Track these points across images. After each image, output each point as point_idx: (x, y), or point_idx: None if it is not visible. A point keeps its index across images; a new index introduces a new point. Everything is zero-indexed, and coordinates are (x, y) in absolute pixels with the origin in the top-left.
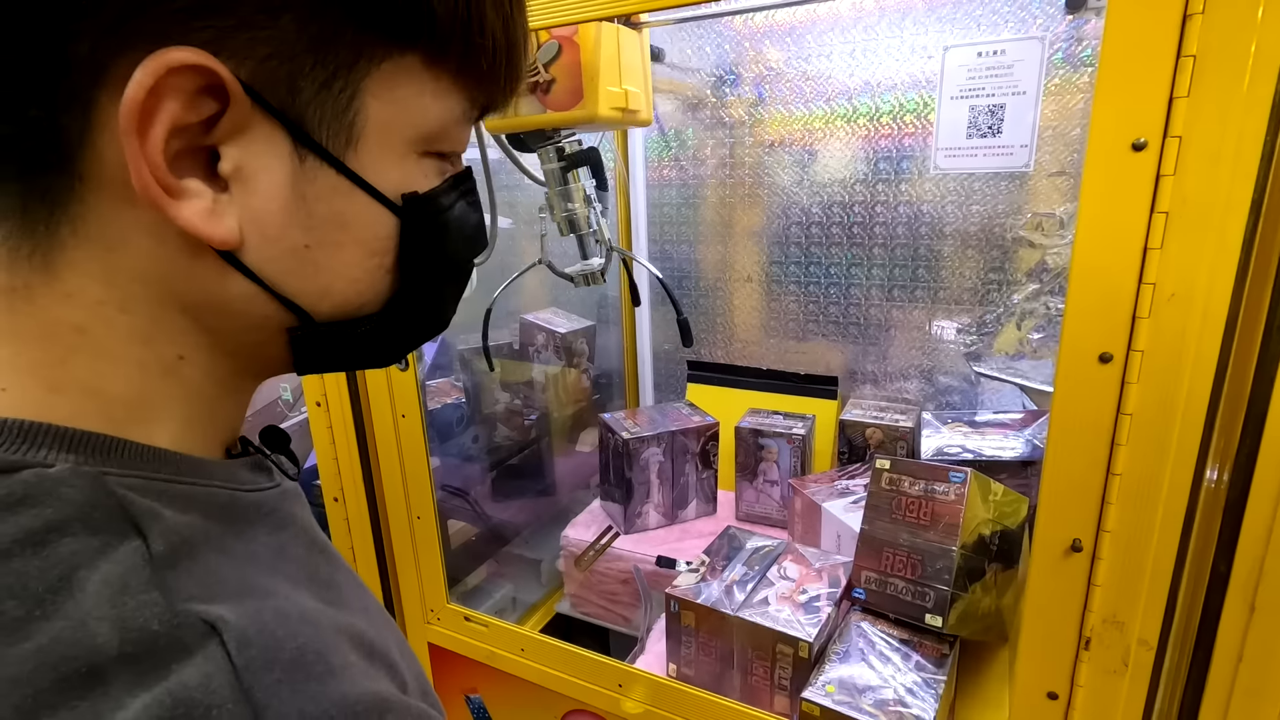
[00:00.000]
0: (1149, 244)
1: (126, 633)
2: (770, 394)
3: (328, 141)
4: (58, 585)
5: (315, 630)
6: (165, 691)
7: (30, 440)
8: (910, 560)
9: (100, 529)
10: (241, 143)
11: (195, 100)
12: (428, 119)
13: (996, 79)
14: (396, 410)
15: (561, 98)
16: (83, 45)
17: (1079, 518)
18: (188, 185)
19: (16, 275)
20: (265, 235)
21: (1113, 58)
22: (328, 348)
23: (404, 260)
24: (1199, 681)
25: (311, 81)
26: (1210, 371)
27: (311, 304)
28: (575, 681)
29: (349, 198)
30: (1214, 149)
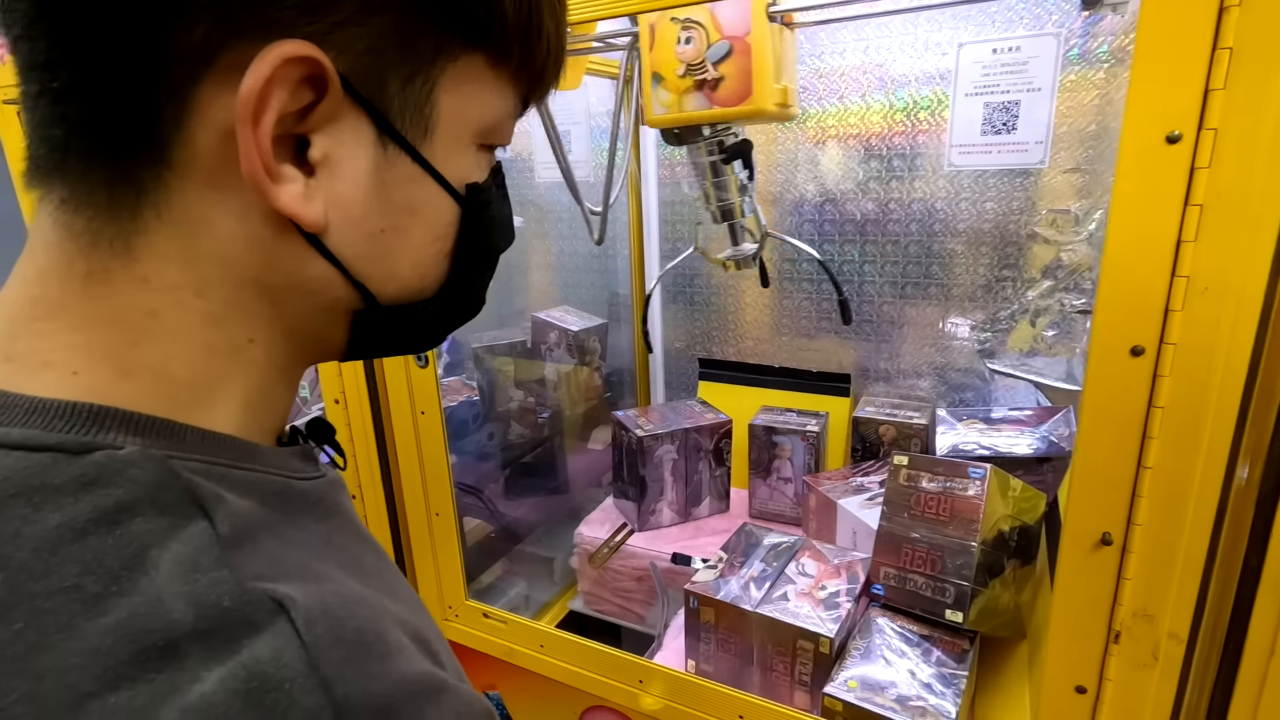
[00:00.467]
0: (1182, 236)
1: (200, 609)
2: (782, 392)
3: (407, 132)
4: (132, 563)
5: (372, 612)
6: (239, 665)
7: (100, 423)
8: (930, 556)
9: (168, 510)
10: (331, 131)
11: (298, 90)
12: (488, 114)
13: (1011, 75)
14: (416, 407)
15: (729, 94)
16: (194, 35)
17: (1109, 511)
18: (285, 171)
19: (96, 260)
20: (348, 219)
21: (1147, 50)
22: (385, 330)
23: (460, 246)
24: (1229, 675)
25: (398, 75)
26: (1244, 364)
27: (379, 287)
28: (595, 678)
29: (421, 185)
30: (1250, 141)
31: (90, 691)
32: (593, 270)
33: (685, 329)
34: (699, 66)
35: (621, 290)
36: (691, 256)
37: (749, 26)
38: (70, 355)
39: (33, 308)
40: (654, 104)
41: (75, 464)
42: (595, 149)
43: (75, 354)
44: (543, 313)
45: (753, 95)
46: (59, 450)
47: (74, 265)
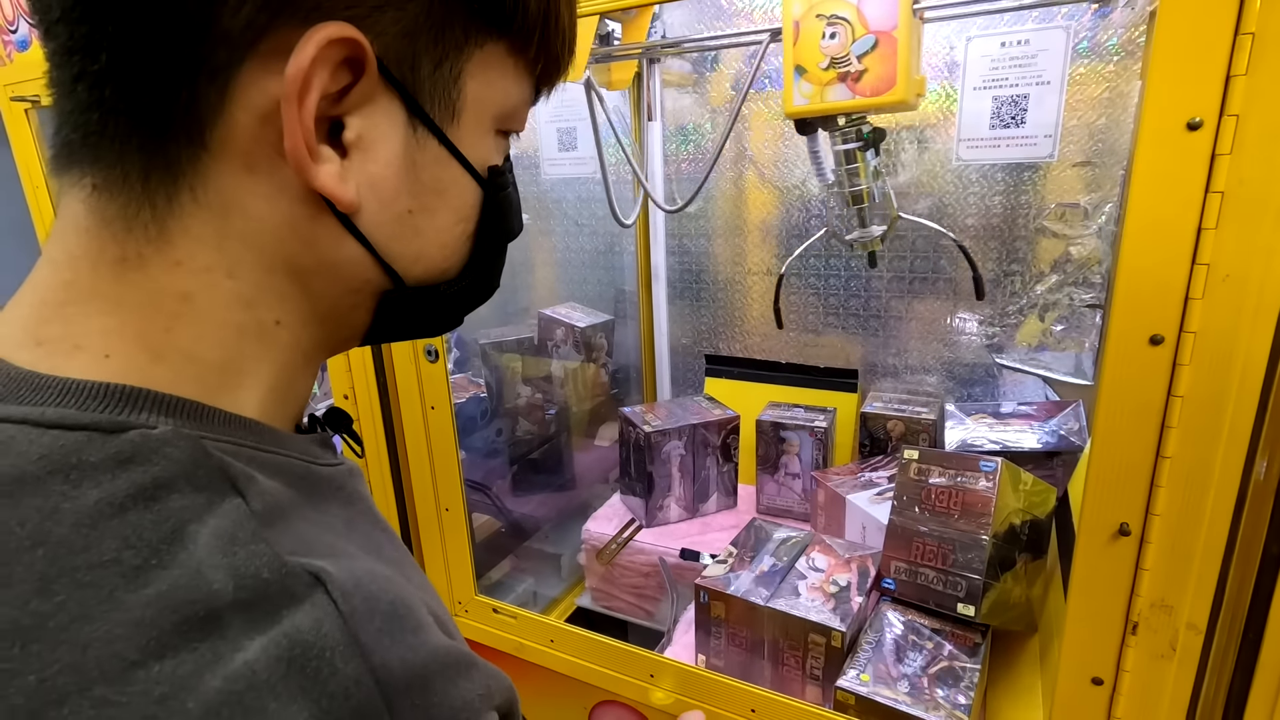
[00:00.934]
0: (1203, 224)
1: (240, 579)
2: (789, 387)
3: (436, 115)
4: (171, 536)
5: (401, 589)
6: (281, 634)
7: (133, 404)
8: (941, 550)
9: (204, 487)
10: (365, 112)
11: (338, 71)
12: (507, 100)
13: (1020, 69)
14: (426, 402)
15: (873, 85)
16: (239, 17)
17: (1127, 501)
18: (323, 151)
19: (129, 246)
20: (380, 199)
21: (1168, 36)
22: (407, 312)
23: (481, 228)
24: (1248, 666)
25: (429, 59)
26: (1265, 353)
27: (405, 268)
28: (605, 672)
29: (447, 167)
30: (1273, 127)
31: (135, 660)
32: (599, 267)
33: (692, 325)
34: (843, 59)
35: (628, 287)
36: (708, 250)
37: (896, 21)
38: (103, 339)
39: (64, 292)
40: (795, 95)
41: (111, 442)
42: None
43: (108, 338)
44: (549, 309)
45: (896, 86)
46: (94, 429)
47: (106, 250)
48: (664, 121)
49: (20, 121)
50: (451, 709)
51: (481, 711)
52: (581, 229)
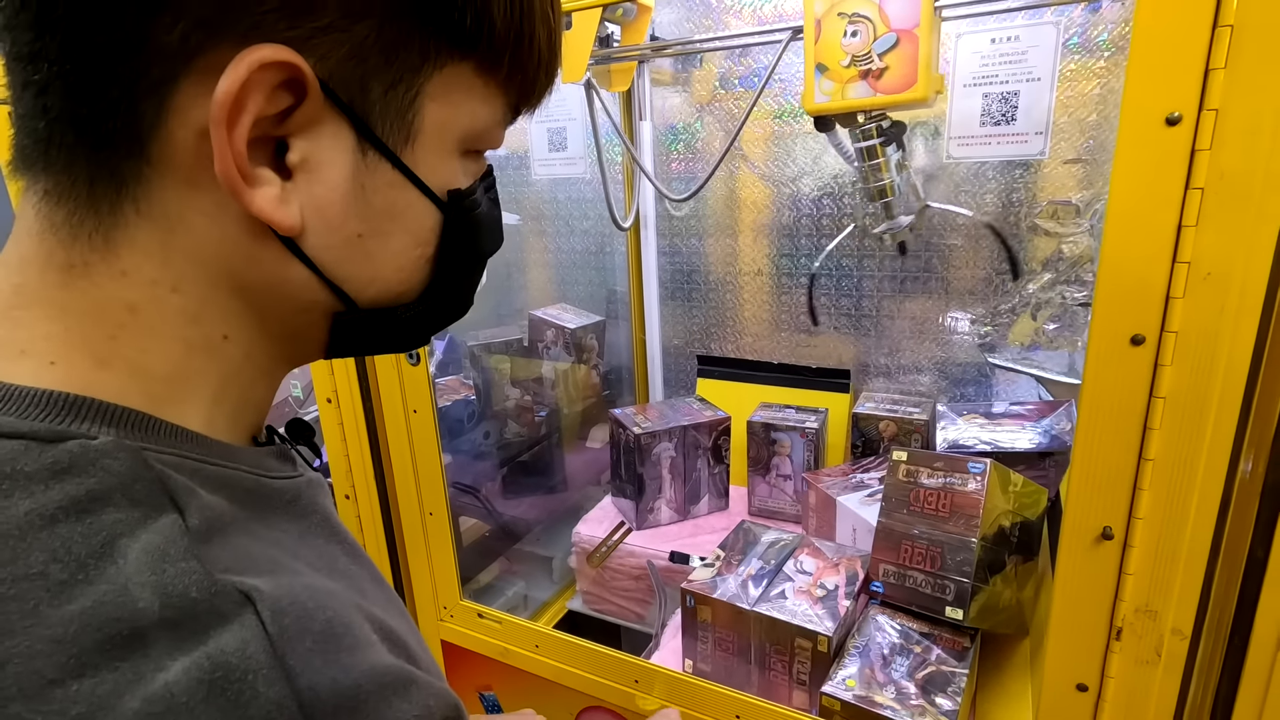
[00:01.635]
0: (1183, 221)
1: (167, 598)
2: (781, 388)
3: (388, 138)
4: (100, 551)
5: (342, 606)
6: (204, 655)
7: (75, 413)
8: (929, 553)
9: (140, 501)
10: (311, 135)
11: (275, 94)
12: (475, 121)
13: (1010, 66)
14: (408, 406)
15: (894, 83)
16: (174, 34)
17: (1110, 505)
18: (260, 174)
19: (75, 252)
20: (326, 223)
21: (1145, 30)
22: (364, 332)
23: (442, 251)
24: (1234, 671)
25: (380, 82)
26: (1247, 353)
27: (358, 290)
28: (591, 678)
29: (402, 191)
30: (1253, 122)
31: (53, 679)
32: (590, 268)
33: (684, 326)
34: (865, 57)
35: (619, 288)
36: (700, 250)
37: (918, 20)
38: (48, 345)
39: (14, 296)
40: (816, 92)
41: (48, 452)
42: (588, 146)
43: (53, 344)
44: (540, 310)
45: (917, 83)
46: (32, 438)
47: (54, 256)
48: (653, 120)
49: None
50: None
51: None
52: (573, 230)
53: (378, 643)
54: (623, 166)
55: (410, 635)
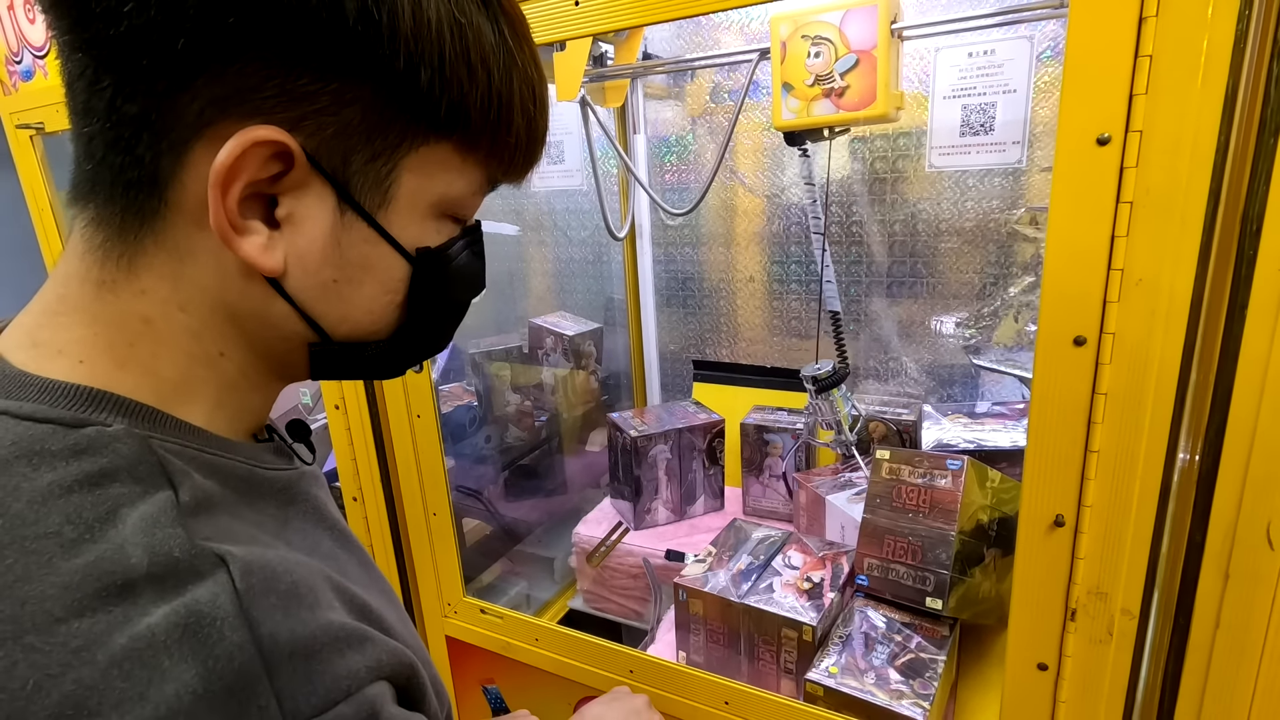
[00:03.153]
0: (1116, 232)
1: (154, 556)
2: (775, 391)
3: (366, 202)
4: (105, 517)
5: (309, 573)
6: (181, 604)
7: (96, 404)
8: (911, 546)
9: (142, 479)
10: (297, 195)
11: (268, 162)
12: (451, 191)
13: (987, 78)
14: (412, 411)
15: (855, 100)
16: (193, 107)
17: (1061, 494)
18: (250, 225)
19: (107, 271)
20: (305, 269)
21: (1076, 58)
22: (339, 362)
23: (412, 299)
24: (1180, 649)
25: (361, 156)
26: (1178, 351)
27: (332, 326)
28: (588, 669)
29: (375, 246)
30: (1173, 142)
31: (60, 617)
32: (588, 276)
33: (680, 331)
34: (827, 77)
35: (616, 295)
36: (694, 258)
37: (875, 41)
38: (79, 346)
39: (58, 304)
40: (783, 110)
41: (71, 435)
42: (585, 159)
43: (84, 346)
44: (539, 318)
45: (876, 101)
46: (59, 423)
47: (90, 273)
48: (647, 133)
49: (26, 147)
50: (335, 676)
51: (367, 681)
52: (570, 239)
53: (340, 608)
54: (618, 178)
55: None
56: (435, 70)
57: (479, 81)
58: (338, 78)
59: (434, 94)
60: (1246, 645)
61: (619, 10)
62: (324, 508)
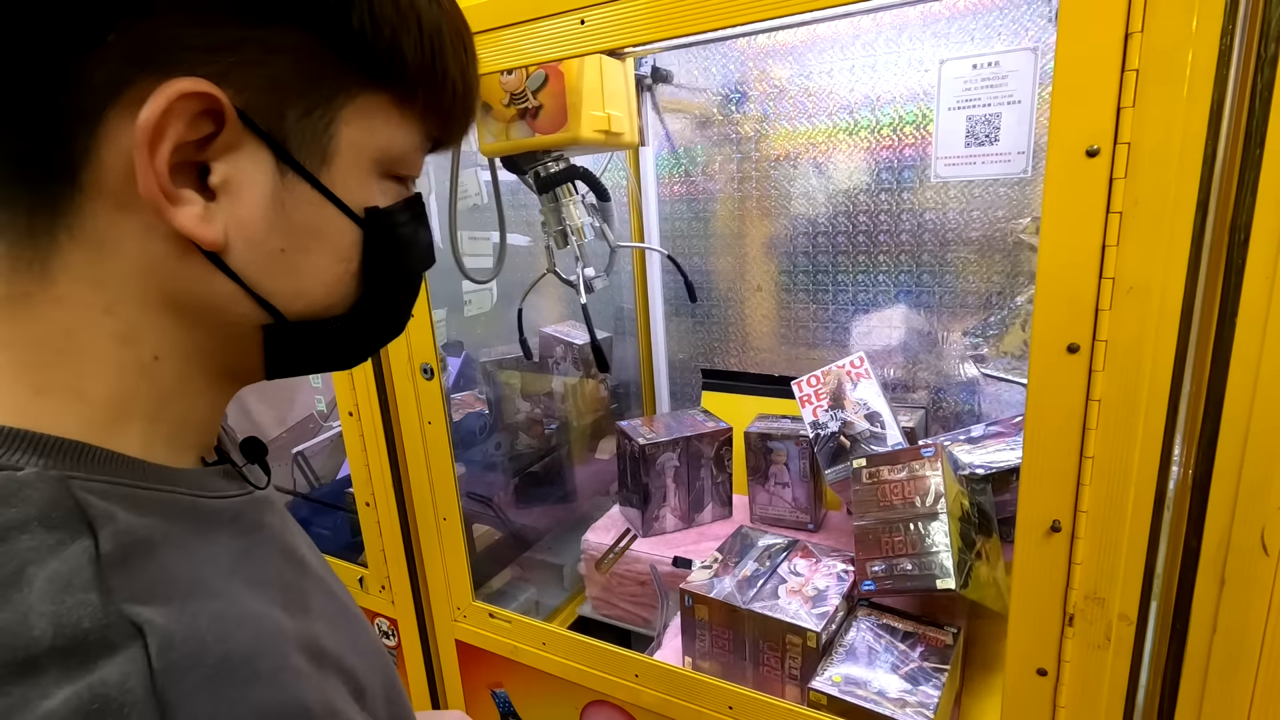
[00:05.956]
0: (1106, 241)
1: (61, 629)
2: (783, 400)
3: (305, 160)
4: (10, 579)
5: (253, 635)
6: (86, 686)
7: (7, 444)
8: (909, 538)
9: (57, 527)
10: (231, 159)
11: (196, 121)
12: (392, 146)
13: (992, 89)
14: (423, 418)
15: (548, 122)
16: (104, 70)
17: (1057, 500)
18: (184, 194)
19: (16, 284)
20: (248, 239)
21: (1065, 73)
22: (298, 346)
23: (367, 267)
24: (1179, 654)
25: (296, 109)
26: (1170, 358)
27: (285, 303)
28: (594, 673)
29: (321, 209)
30: (1160, 153)
31: None
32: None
33: (689, 341)
34: (520, 96)
35: (626, 305)
36: (703, 268)
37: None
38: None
39: None
40: (485, 134)
41: None
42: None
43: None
44: (550, 327)
45: (568, 123)
46: None
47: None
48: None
49: None
50: None
51: None
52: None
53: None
54: (628, 190)
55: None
56: (366, 12)
57: (409, 25)
58: (264, 23)
59: (366, 37)
60: (1243, 650)
61: (624, 29)
62: (284, 534)
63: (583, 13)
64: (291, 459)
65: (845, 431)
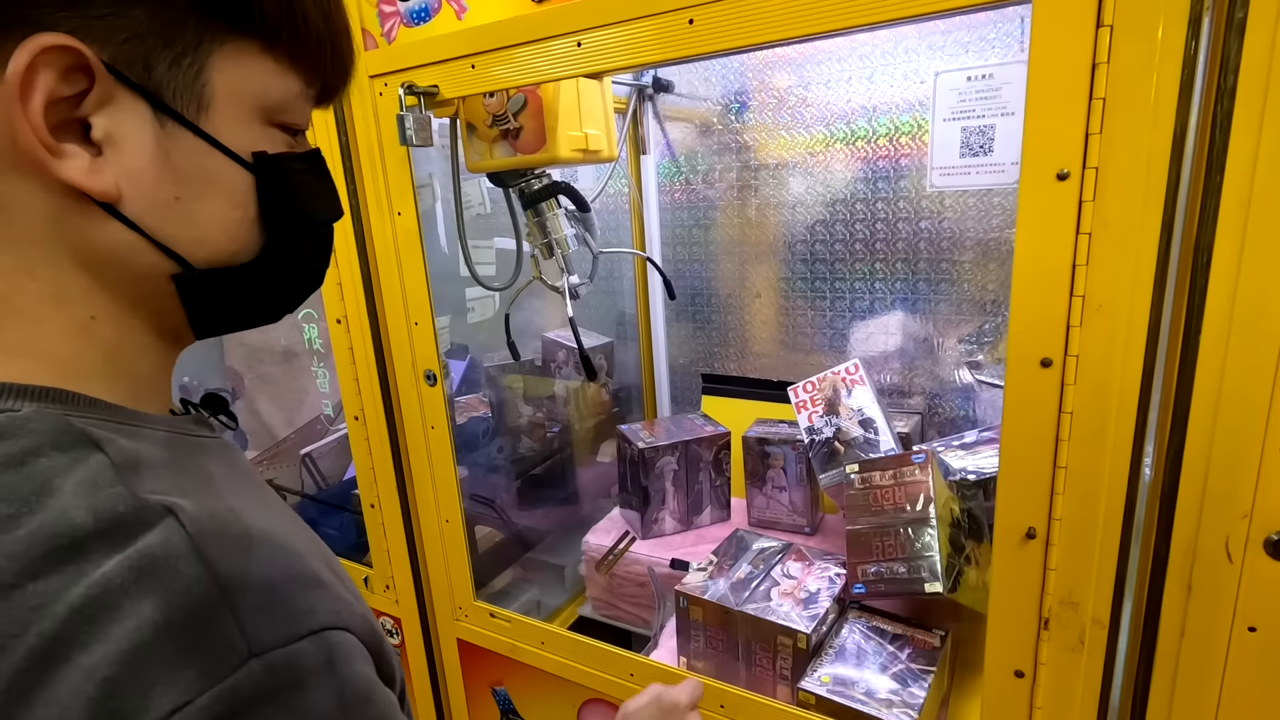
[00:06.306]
0: (1076, 261)
1: (100, 515)
2: (782, 405)
3: (182, 108)
4: (40, 490)
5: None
6: (135, 551)
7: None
8: (899, 543)
9: (68, 449)
10: (109, 112)
11: (67, 76)
12: (270, 93)
13: (986, 101)
14: (426, 422)
15: (528, 142)
16: None
17: (1032, 507)
18: (67, 148)
19: None
20: (140, 189)
21: (1036, 99)
22: (214, 296)
23: (265, 213)
24: (1150, 658)
25: (163, 59)
26: (1138, 372)
27: (189, 250)
28: (591, 672)
29: (208, 155)
30: (1127, 177)
31: (12, 584)
32: (600, 291)
33: (690, 346)
34: (502, 118)
35: (628, 310)
36: (704, 274)
37: None
38: None
39: None
40: (471, 153)
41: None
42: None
43: None
44: (552, 332)
45: (547, 144)
46: None
47: None
48: (655, 153)
49: None
50: (296, 612)
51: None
52: (584, 255)
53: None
54: (629, 197)
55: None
56: None
57: None
58: None
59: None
60: (1210, 654)
61: (617, 52)
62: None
63: (579, 35)
64: (299, 460)
65: (839, 437)
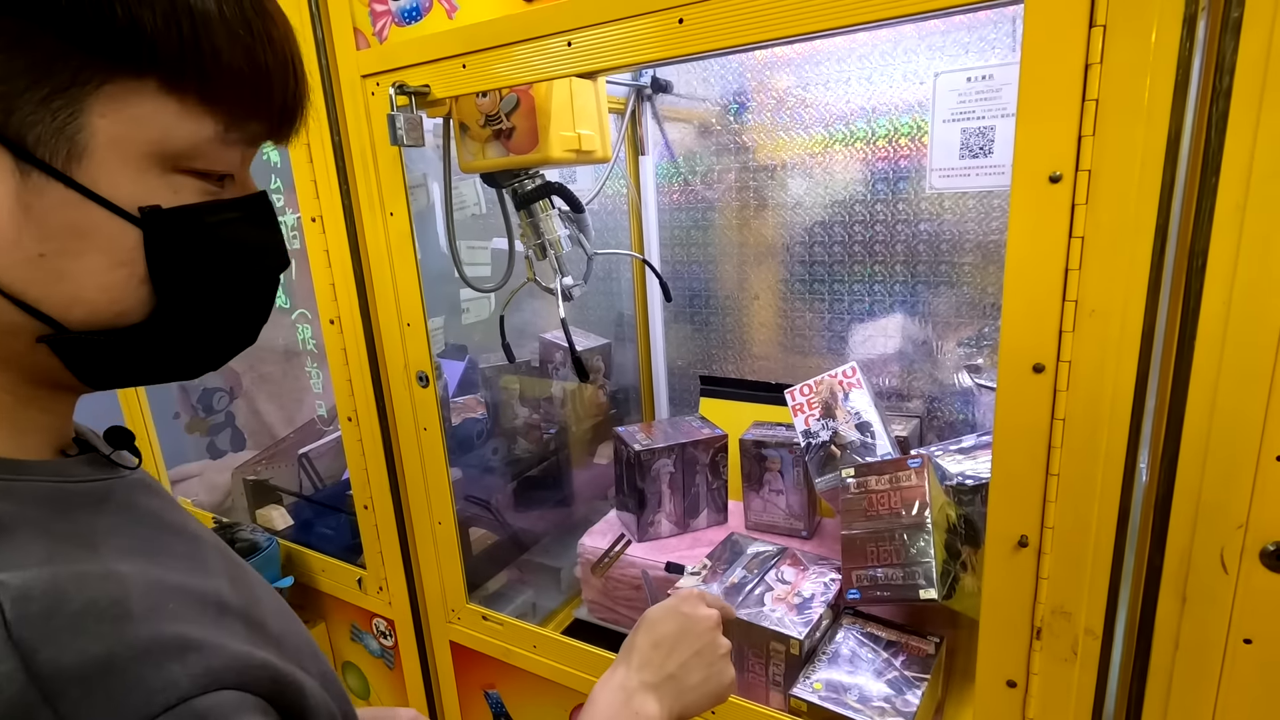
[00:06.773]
0: (1069, 265)
1: None
2: (780, 407)
3: (49, 155)
4: None
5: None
6: None
7: None
8: (894, 548)
9: None
10: None
11: None
12: (171, 137)
13: (986, 102)
14: (419, 424)
15: (521, 142)
16: None
17: (1024, 515)
18: None
19: None
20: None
21: (1029, 101)
22: (100, 357)
23: (155, 271)
24: (1144, 669)
25: (27, 101)
26: (1131, 379)
27: (60, 311)
28: (583, 676)
29: (81, 209)
30: (1120, 180)
31: None
32: (598, 292)
33: (688, 347)
34: (495, 118)
35: (626, 311)
36: (702, 276)
37: None
38: None
39: None
40: (464, 153)
41: None
42: (596, 179)
43: None
44: (549, 333)
45: (539, 144)
46: None
47: None
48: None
49: None
50: (147, 690)
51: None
52: (581, 257)
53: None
54: (628, 198)
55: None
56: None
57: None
58: None
59: (86, 17)
60: (1205, 667)
61: (607, 51)
62: (162, 514)
63: (569, 35)
64: (296, 460)
65: (836, 440)
